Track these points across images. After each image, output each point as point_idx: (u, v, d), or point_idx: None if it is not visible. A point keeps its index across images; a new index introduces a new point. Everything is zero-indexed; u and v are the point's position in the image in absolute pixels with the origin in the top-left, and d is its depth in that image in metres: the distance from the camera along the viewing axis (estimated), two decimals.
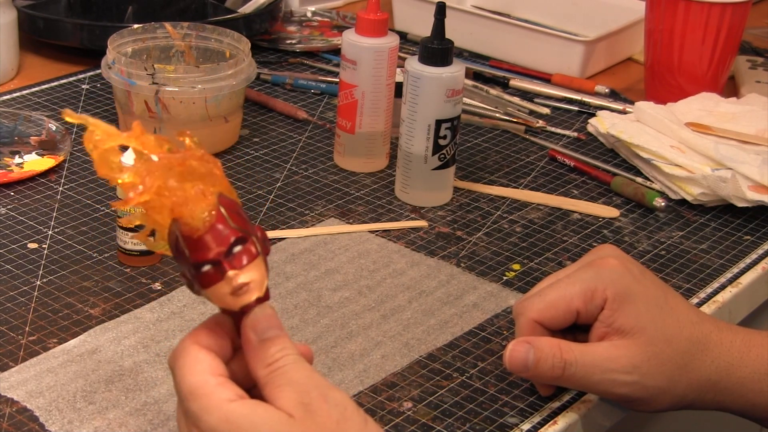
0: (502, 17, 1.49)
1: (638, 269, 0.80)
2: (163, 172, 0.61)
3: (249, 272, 0.62)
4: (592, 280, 0.78)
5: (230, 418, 0.60)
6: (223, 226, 0.61)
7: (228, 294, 0.62)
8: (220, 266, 0.61)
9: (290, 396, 0.61)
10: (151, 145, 0.62)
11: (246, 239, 0.62)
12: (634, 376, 0.77)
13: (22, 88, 1.27)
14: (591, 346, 0.78)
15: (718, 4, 1.25)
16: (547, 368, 0.77)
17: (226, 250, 0.61)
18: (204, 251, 0.61)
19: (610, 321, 0.77)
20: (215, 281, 0.62)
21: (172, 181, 0.61)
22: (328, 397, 0.61)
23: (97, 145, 0.62)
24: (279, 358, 0.62)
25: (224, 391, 0.61)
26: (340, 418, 0.61)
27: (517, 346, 0.78)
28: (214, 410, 0.60)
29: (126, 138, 0.62)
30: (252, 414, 0.60)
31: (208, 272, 0.61)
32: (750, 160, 1.09)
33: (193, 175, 0.62)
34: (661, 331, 0.77)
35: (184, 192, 0.61)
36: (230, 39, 1.17)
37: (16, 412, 0.76)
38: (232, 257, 0.61)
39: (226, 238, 0.61)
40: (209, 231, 0.61)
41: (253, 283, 0.62)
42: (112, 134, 0.62)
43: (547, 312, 0.79)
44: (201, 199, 0.61)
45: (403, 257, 0.98)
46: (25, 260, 0.93)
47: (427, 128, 1.04)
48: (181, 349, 0.63)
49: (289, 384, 0.62)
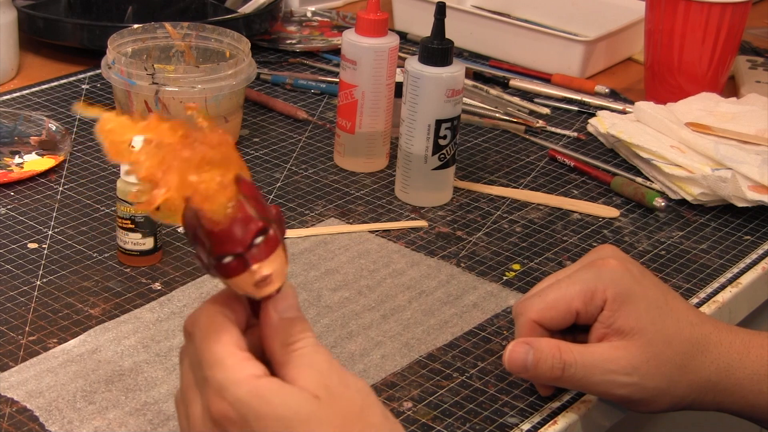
0: (502, 17, 1.49)
1: (638, 270, 0.80)
2: (181, 164, 0.59)
3: (271, 263, 0.61)
4: (592, 280, 0.78)
5: (259, 392, 0.59)
6: (246, 216, 0.60)
7: (250, 285, 0.61)
8: (244, 259, 0.60)
9: (313, 378, 0.60)
10: (166, 134, 0.61)
11: (268, 229, 0.61)
12: (633, 377, 0.77)
13: (22, 88, 1.27)
14: (591, 347, 0.78)
15: (718, 4, 1.25)
16: (547, 369, 0.77)
17: (249, 242, 0.60)
18: (227, 244, 0.60)
19: (609, 322, 0.77)
20: (238, 273, 0.60)
21: (192, 175, 0.60)
22: (349, 383, 0.61)
23: (108, 135, 0.60)
24: (300, 339, 0.61)
25: (253, 366, 0.60)
26: (363, 404, 0.61)
27: (516, 347, 0.78)
28: (243, 383, 0.59)
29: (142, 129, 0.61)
30: (281, 391, 0.59)
31: (230, 264, 0.60)
32: (750, 160, 1.09)
33: (211, 165, 0.60)
34: (661, 333, 0.77)
35: (204, 185, 0.59)
36: (230, 39, 1.17)
37: (16, 412, 0.76)
38: (254, 249, 0.60)
39: (249, 231, 0.60)
40: (231, 223, 0.60)
41: (274, 274, 0.61)
42: (127, 126, 0.61)
43: (547, 312, 0.79)
44: (222, 192, 0.60)
45: (403, 257, 0.98)
46: (25, 260, 0.93)
47: (427, 128, 1.04)
48: (204, 316, 0.62)
49: (310, 366, 0.61)
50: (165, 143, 0.60)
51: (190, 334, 0.62)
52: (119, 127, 0.60)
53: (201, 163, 0.60)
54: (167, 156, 0.59)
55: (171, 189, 0.59)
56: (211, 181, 0.60)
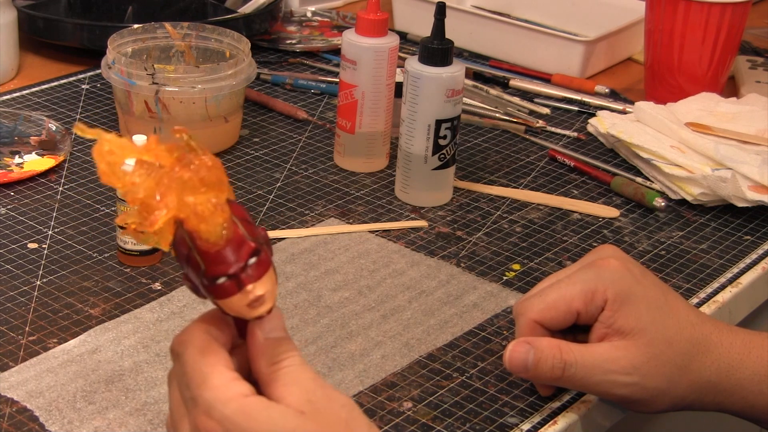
0: (502, 17, 1.49)
1: (639, 270, 0.80)
2: (178, 186, 0.60)
3: (264, 284, 0.62)
4: (592, 280, 0.78)
5: (246, 410, 0.60)
6: (239, 238, 0.61)
7: (244, 306, 0.62)
8: (238, 279, 0.61)
9: (298, 394, 0.61)
10: (163, 157, 0.61)
11: (260, 250, 0.62)
12: (634, 377, 0.77)
13: (22, 88, 1.27)
14: (591, 347, 0.78)
15: (718, 4, 1.25)
16: (547, 369, 0.77)
17: (243, 263, 0.61)
18: (222, 265, 0.60)
19: (610, 322, 0.77)
20: (231, 294, 0.61)
21: (189, 196, 0.60)
22: (333, 398, 0.62)
23: (106, 157, 0.61)
24: (285, 358, 0.62)
25: (240, 386, 0.61)
26: (348, 418, 0.61)
27: (517, 347, 0.78)
28: (230, 401, 0.60)
29: (140, 151, 0.61)
30: (268, 409, 0.60)
31: (224, 285, 0.61)
32: (750, 160, 1.09)
33: (206, 186, 0.61)
34: (662, 333, 0.77)
35: (201, 207, 0.60)
36: (230, 39, 1.17)
37: (16, 412, 0.76)
38: (249, 269, 0.61)
39: (243, 252, 0.61)
40: (226, 245, 0.61)
41: (267, 294, 0.62)
42: (125, 147, 0.61)
43: (548, 312, 0.79)
44: (218, 213, 0.61)
45: (403, 257, 0.98)
46: (25, 260, 0.93)
47: (427, 128, 1.04)
48: (192, 338, 0.62)
49: (295, 383, 0.62)
50: (160, 166, 0.60)
51: (178, 354, 0.63)
52: (118, 148, 0.61)
53: (198, 185, 0.60)
54: (164, 178, 0.60)
55: (170, 211, 0.60)
56: (207, 202, 0.61)
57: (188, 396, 0.62)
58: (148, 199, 0.60)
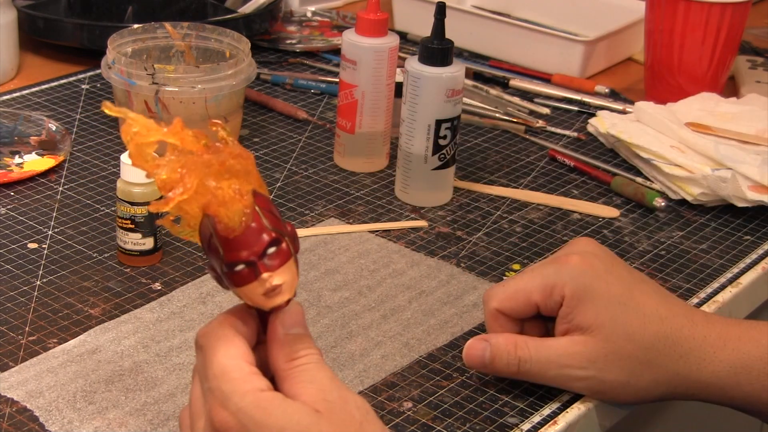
0: (502, 17, 1.49)
1: (605, 266, 0.80)
2: (201, 169, 0.61)
3: (282, 274, 0.62)
4: (551, 276, 0.80)
5: (262, 404, 0.60)
6: (259, 226, 0.61)
7: (260, 294, 0.62)
8: (255, 267, 0.61)
9: (314, 393, 0.61)
10: (189, 141, 0.61)
11: (280, 240, 0.62)
12: (589, 371, 0.78)
13: (22, 88, 1.27)
14: (548, 342, 0.80)
15: (718, 4, 1.25)
16: (503, 365, 0.80)
17: (261, 251, 0.61)
18: (239, 252, 0.61)
19: (569, 318, 0.79)
20: (248, 281, 0.62)
21: (211, 180, 0.61)
22: (349, 399, 0.62)
23: (134, 138, 0.61)
24: (303, 355, 0.63)
25: (258, 380, 0.61)
26: (363, 420, 0.62)
27: (474, 344, 0.81)
28: (247, 394, 0.60)
29: (165, 134, 0.61)
30: (284, 404, 0.61)
31: (241, 272, 0.61)
32: (750, 160, 1.09)
33: (230, 173, 0.61)
34: (622, 328, 0.78)
35: (222, 191, 0.61)
36: (230, 39, 1.17)
37: (16, 412, 0.76)
38: (266, 258, 0.61)
39: (261, 240, 0.61)
40: (245, 231, 0.61)
41: (285, 285, 0.62)
42: (152, 128, 0.61)
43: (507, 303, 0.81)
44: (238, 200, 0.61)
45: (403, 257, 0.98)
46: (25, 260, 0.93)
47: (427, 128, 1.04)
48: (215, 330, 0.63)
49: (312, 381, 0.62)
50: (187, 150, 0.61)
51: (201, 346, 0.63)
52: (144, 129, 0.61)
53: (221, 170, 0.61)
54: (188, 161, 0.60)
55: (188, 191, 0.60)
56: (228, 188, 0.61)
57: (206, 387, 0.62)
58: (171, 180, 0.60)
